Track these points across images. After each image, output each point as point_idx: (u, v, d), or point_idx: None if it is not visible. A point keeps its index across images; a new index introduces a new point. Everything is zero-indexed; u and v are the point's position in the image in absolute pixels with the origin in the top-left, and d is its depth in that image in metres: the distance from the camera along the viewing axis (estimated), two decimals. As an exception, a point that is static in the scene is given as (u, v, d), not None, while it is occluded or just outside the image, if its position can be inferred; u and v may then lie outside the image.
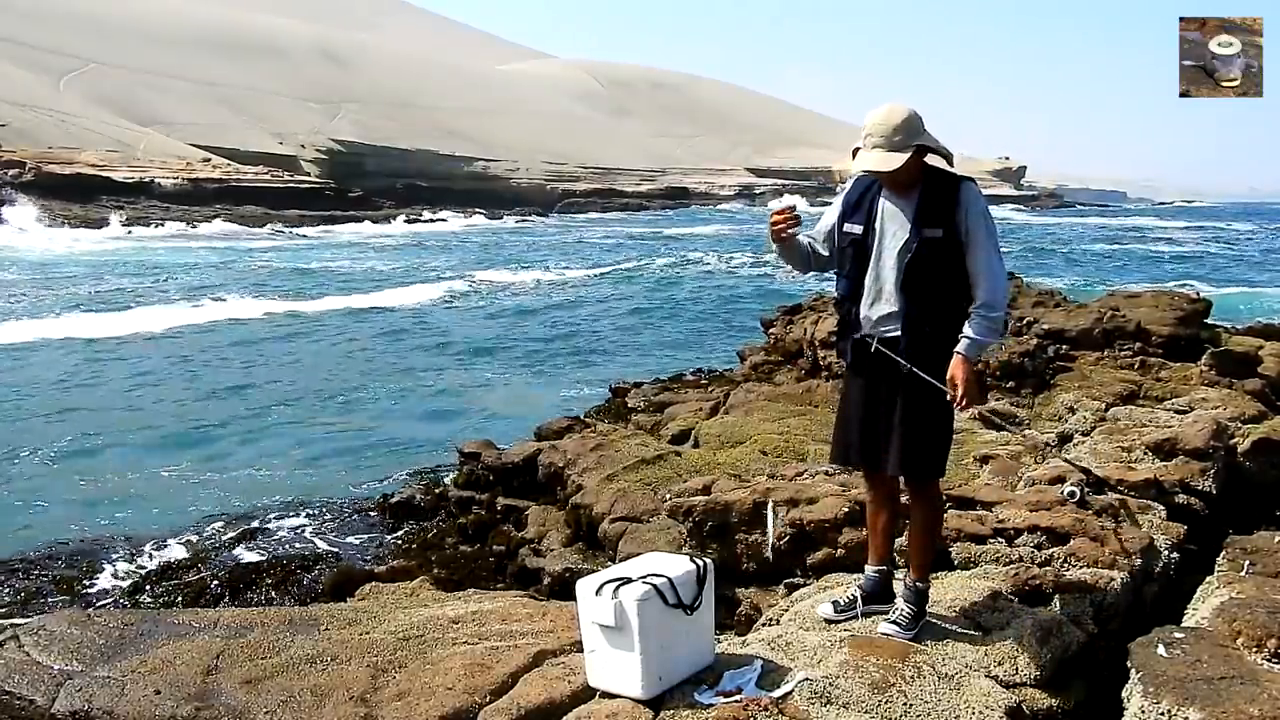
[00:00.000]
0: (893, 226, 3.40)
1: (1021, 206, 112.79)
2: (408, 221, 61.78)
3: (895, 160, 3.27)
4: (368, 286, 27.26)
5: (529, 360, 16.31)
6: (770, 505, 4.75)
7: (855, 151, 3.38)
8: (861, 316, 3.47)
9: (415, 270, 32.68)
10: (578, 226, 64.06)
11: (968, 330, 3.35)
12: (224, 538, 7.63)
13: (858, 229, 3.47)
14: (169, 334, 18.55)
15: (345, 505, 8.42)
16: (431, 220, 64.73)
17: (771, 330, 10.21)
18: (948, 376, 3.33)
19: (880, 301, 3.43)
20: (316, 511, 8.25)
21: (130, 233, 46.91)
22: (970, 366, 3.35)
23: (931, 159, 3.40)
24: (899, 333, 3.39)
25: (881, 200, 3.44)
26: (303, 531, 7.76)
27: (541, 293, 26.74)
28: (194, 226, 50.55)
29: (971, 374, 3.36)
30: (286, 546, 7.45)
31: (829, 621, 3.67)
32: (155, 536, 7.73)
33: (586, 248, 45.15)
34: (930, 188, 3.37)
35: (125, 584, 6.84)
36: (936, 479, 3.59)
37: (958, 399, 3.32)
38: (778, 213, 3.50)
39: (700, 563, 3.32)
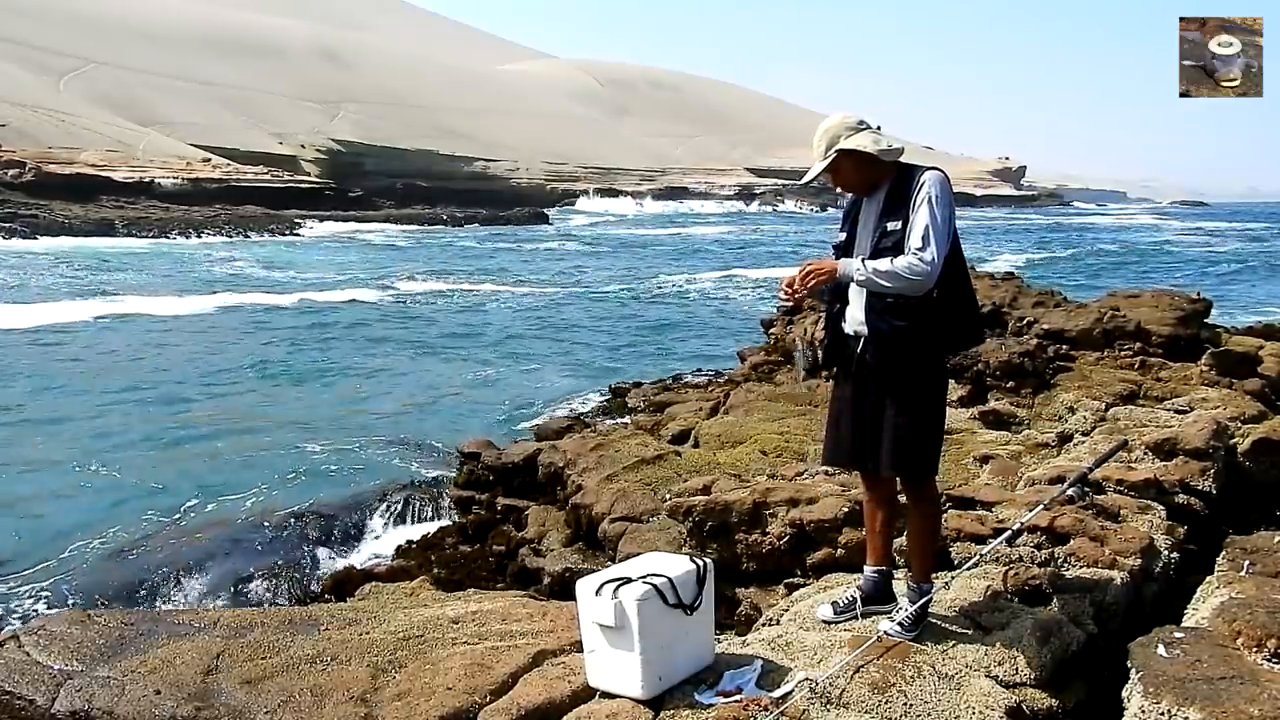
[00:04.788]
0: (865, 227, 3.48)
1: (1017, 208, 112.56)
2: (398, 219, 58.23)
3: (817, 168, 3.43)
4: (346, 284, 27.40)
5: (529, 360, 16.31)
6: (798, 340, 4.70)
7: None
8: (847, 315, 3.54)
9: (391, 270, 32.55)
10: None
11: (874, 260, 3.32)
12: (224, 537, 7.63)
13: (843, 235, 3.59)
14: (167, 325, 18.57)
15: (345, 505, 8.42)
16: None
17: (772, 330, 10.21)
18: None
19: (857, 300, 3.48)
20: (316, 511, 8.25)
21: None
22: (827, 269, 3.38)
23: (863, 148, 3.34)
24: (865, 330, 3.44)
25: (862, 204, 3.53)
26: (303, 531, 7.76)
27: (537, 295, 26.74)
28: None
29: (820, 270, 3.39)
30: (287, 546, 7.45)
31: (828, 623, 3.67)
32: (154, 536, 7.73)
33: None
34: (895, 184, 3.41)
35: (125, 584, 6.84)
36: (931, 478, 3.59)
37: (804, 279, 3.39)
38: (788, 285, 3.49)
39: (700, 563, 3.32)
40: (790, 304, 3.55)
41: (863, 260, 3.36)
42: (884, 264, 3.29)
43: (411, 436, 10.87)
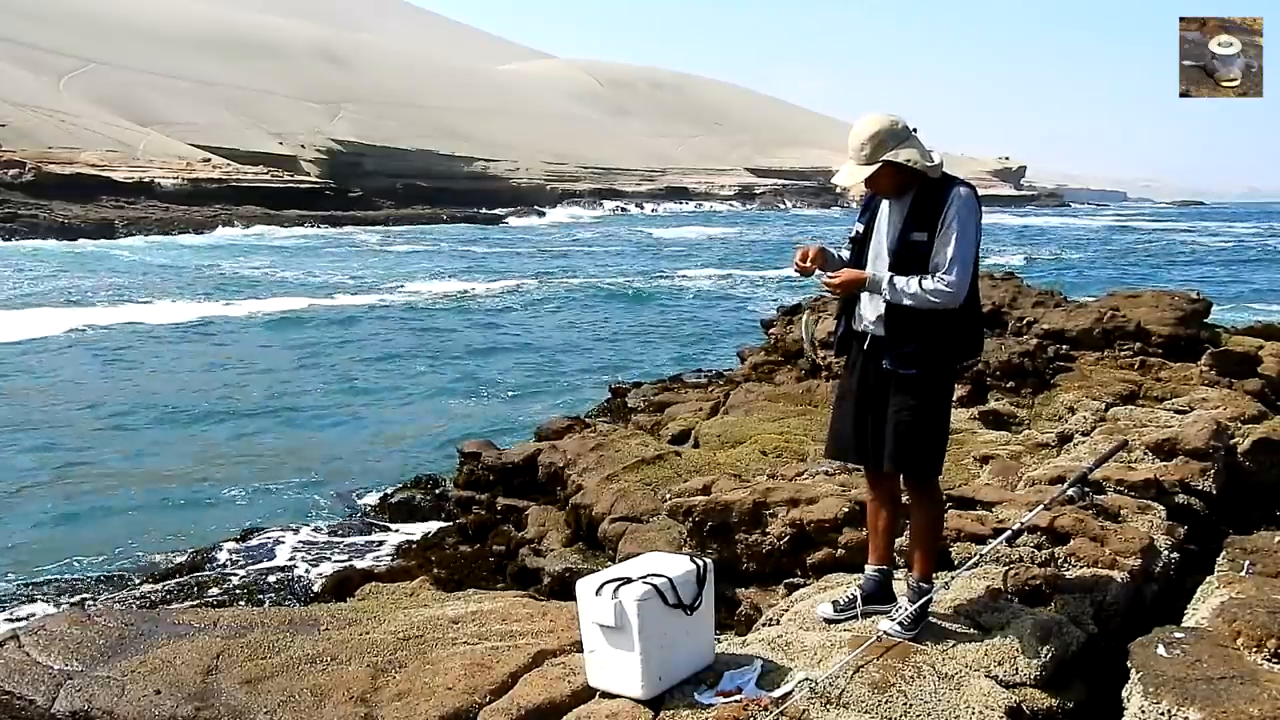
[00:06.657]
0: (887, 228, 3.46)
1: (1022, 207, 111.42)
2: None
3: (860, 174, 3.35)
4: (350, 288, 27.35)
5: (528, 361, 16.31)
6: (806, 314, 4.70)
7: None
8: (858, 312, 3.53)
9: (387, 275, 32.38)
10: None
11: (902, 278, 3.32)
12: (224, 538, 7.63)
13: (860, 227, 3.56)
14: (170, 330, 18.57)
15: (345, 505, 8.43)
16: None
17: (771, 330, 10.20)
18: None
19: (873, 299, 3.46)
20: (317, 512, 8.25)
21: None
22: (858, 279, 3.40)
23: (913, 163, 3.32)
24: (883, 332, 3.43)
25: (884, 201, 3.50)
26: (303, 532, 7.76)
27: (536, 297, 26.73)
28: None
29: (853, 281, 3.41)
30: (287, 546, 7.45)
31: (829, 621, 3.67)
32: (155, 537, 7.73)
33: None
34: (923, 191, 3.38)
35: (125, 584, 6.84)
36: (935, 478, 3.59)
37: (832, 283, 3.43)
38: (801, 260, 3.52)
39: (700, 563, 3.32)
40: (801, 273, 3.53)
41: (890, 279, 3.34)
42: (912, 286, 3.30)
43: (410, 438, 10.88)
